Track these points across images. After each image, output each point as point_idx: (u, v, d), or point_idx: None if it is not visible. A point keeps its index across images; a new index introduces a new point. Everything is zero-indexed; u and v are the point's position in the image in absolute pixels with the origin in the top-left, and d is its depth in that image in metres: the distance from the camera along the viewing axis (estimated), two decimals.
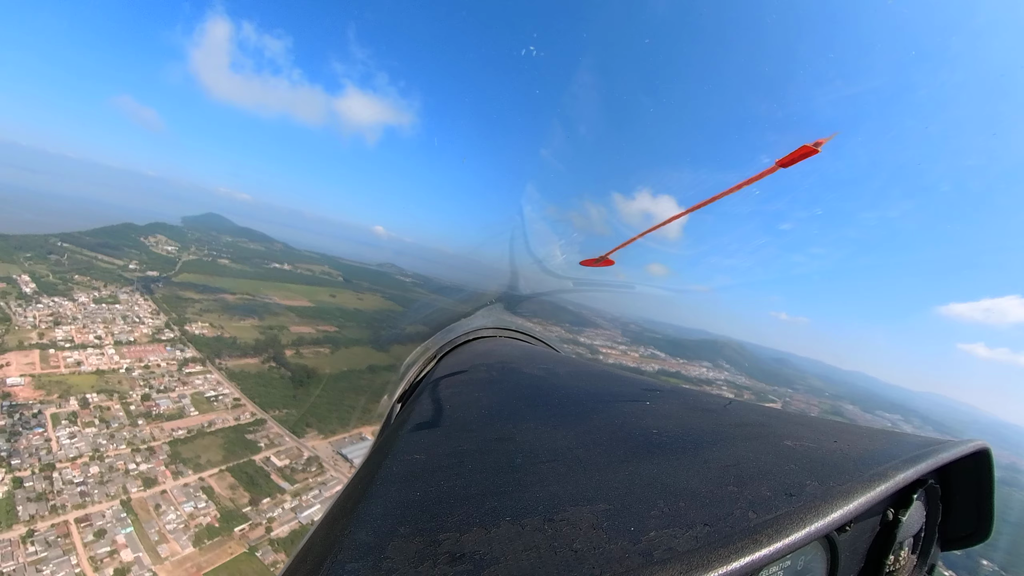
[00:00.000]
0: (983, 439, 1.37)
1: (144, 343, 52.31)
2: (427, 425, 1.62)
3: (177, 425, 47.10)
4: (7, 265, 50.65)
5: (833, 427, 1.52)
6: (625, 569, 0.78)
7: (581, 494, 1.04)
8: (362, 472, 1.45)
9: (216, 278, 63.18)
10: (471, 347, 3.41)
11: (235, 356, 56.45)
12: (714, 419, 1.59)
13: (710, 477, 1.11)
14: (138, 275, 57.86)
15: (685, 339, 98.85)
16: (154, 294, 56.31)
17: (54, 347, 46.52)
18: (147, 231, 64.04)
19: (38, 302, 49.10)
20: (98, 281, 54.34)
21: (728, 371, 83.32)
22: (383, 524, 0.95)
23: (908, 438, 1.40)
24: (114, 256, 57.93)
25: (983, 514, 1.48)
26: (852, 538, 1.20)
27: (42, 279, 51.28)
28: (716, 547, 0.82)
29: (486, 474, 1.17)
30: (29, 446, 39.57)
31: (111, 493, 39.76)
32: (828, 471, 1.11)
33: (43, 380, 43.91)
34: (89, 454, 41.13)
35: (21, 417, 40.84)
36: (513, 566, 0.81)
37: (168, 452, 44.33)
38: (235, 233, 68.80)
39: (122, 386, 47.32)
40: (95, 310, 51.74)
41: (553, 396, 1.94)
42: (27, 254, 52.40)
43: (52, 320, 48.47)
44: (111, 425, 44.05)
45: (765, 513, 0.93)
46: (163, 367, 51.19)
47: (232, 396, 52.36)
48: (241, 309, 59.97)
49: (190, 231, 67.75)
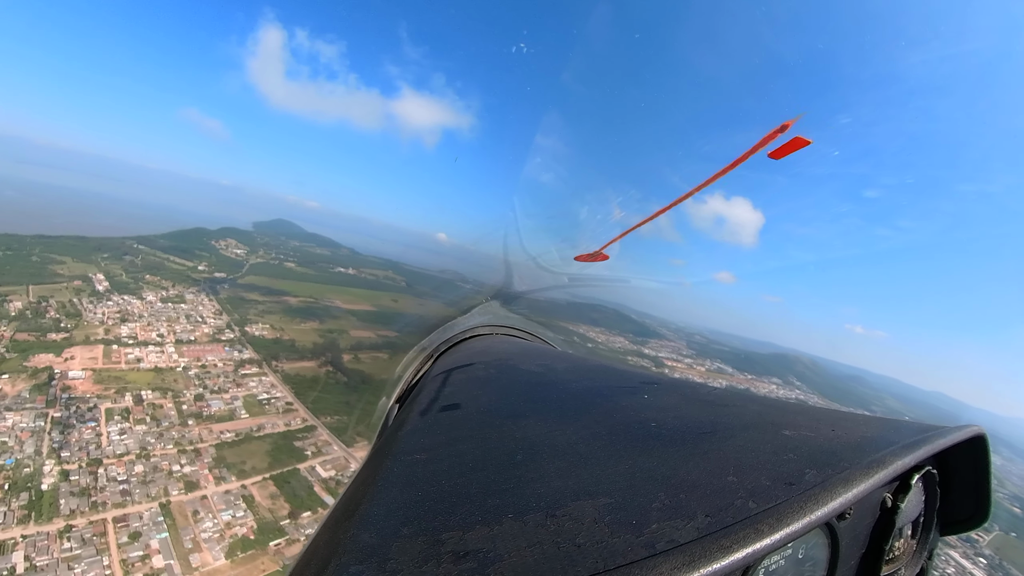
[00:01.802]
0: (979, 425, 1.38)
1: (204, 342, 52.03)
2: (426, 425, 1.64)
3: (226, 427, 45.48)
4: (85, 265, 52.98)
5: (831, 415, 1.56)
6: (628, 562, 0.79)
7: (583, 488, 1.07)
8: (363, 474, 1.47)
9: (281, 281, 63.28)
10: (468, 345, 3.41)
11: (293, 359, 54.93)
12: (712, 410, 1.61)
13: (710, 468, 1.13)
14: (205, 276, 58.76)
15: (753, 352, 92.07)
16: (219, 295, 56.65)
17: (117, 343, 47.01)
18: (218, 235, 66.02)
19: (109, 300, 50.43)
20: (167, 281, 55.58)
21: (800, 389, 76.27)
22: (386, 525, 0.97)
23: (905, 425, 1.43)
24: (185, 258, 59.56)
25: (981, 498, 1.49)
26: (852, 525, 1.21)
27: (115, 278, 53.03)
28: (718, 537, 0.83)
29: (487, 472, 1.19)
30: (80, 439, 39.16)
31: (152, 494, 38.22)
32: (827, 459, 1.14)
33: (103, 375, 44.05)
34: (136, 452, 40.11)
35: (77, 410, 40.76)
36: (517, 563, 0.82)
37: (214, 455, 42.59)
38: (303, 238, 69.65)
39: (177, 385, 46.68)
40: (161, 309, 52.44)
41: (552, 392, 1.97)
42: (104, 255, 54.83)
43: (119, 317, 49.39)
44: (161, 424, 43.10)
45: (765, 502, 0.95)
46: (219, 367, 50.38)
47: (285, 400, 50.43)
48: (303, 312, 58.97)
49: (260, 236, 69.49)
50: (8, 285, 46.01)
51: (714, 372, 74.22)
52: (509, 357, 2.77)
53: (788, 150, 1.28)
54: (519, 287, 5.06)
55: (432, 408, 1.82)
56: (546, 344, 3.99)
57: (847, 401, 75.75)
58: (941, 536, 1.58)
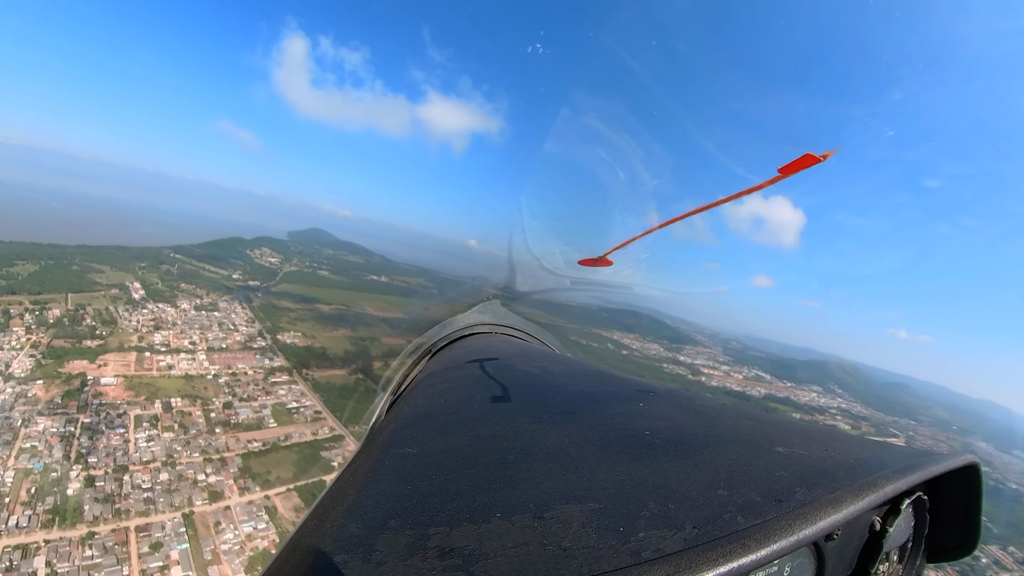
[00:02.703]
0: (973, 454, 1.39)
1: (236, 350, 51.73)
2: (419, 420, 1.64)
3: (253, 436, 44.46)
4: (123, 273, 54.04)
5: (824, 435, 1.54)
6: (613, 568, 0.79)
7: (572, 492, 1.07)
8: (353, 465, 1.45)
9: (314, 288, 63.09)
10: (466, 343, 3.38)
11: (323, 367, 53.90)
12: (707, 423, 1.61)
13: (701, 480, 1.13)
14: (239, 284, 58.97)
15: (792, 359, 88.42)
16: (252, 302, 56.60)
17: (150, 350, 47.14)
18: (254, 244, 66.81)
19: (144, 307, 51.01)
20: (201, 289, 56.06)
21: (841, 397, 72.13)
22: (373, 517, 0.97)
23: (899, 449, 1.43)
24: (220, 267, 60.17)
25: (970, 528, 1.48)
26: (839, 546, 1.20)
27: (151, 286, 53.80)
28: (704, 550, 0.83)
29: (478, 470, 1.19)
30: (108, 446, 38.85)
31: (175, 503, 37.31)
32: (818, 478, 1.14)
33: (134, 381, 44.00)
34: (162, 459, 39.45)
35: (107, 416, 40.60)
36: (502, 562, 0.82)
37: (239, 465, 41.53)
38: (336, 246, 69.71)
39: (207, 392, 46.21)
40: (194, 316, 52.65)
41: (547, 394, 1.95)
42: (142, 264, 55.96)
43: (153, 325, 49.74)
44: (189, 431, 42.47)
45: (754, 518, 0.95)
46: (250, 375, 49.81)
47: (314, 409, 49.24)
48: (335, 319, 58.26)
49: (294, 244, 69.99)
50: (48, 293, 47.19)
51: (752, 380, 71.45)
52: (507, 357, 2.75)
53: (799, 167, 1.19)
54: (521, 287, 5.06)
55: (426, 403, 1.81)
56: (545, 346, 4.00)
57: (892, 411, 71.27)
58: (928, 563, 1.55)
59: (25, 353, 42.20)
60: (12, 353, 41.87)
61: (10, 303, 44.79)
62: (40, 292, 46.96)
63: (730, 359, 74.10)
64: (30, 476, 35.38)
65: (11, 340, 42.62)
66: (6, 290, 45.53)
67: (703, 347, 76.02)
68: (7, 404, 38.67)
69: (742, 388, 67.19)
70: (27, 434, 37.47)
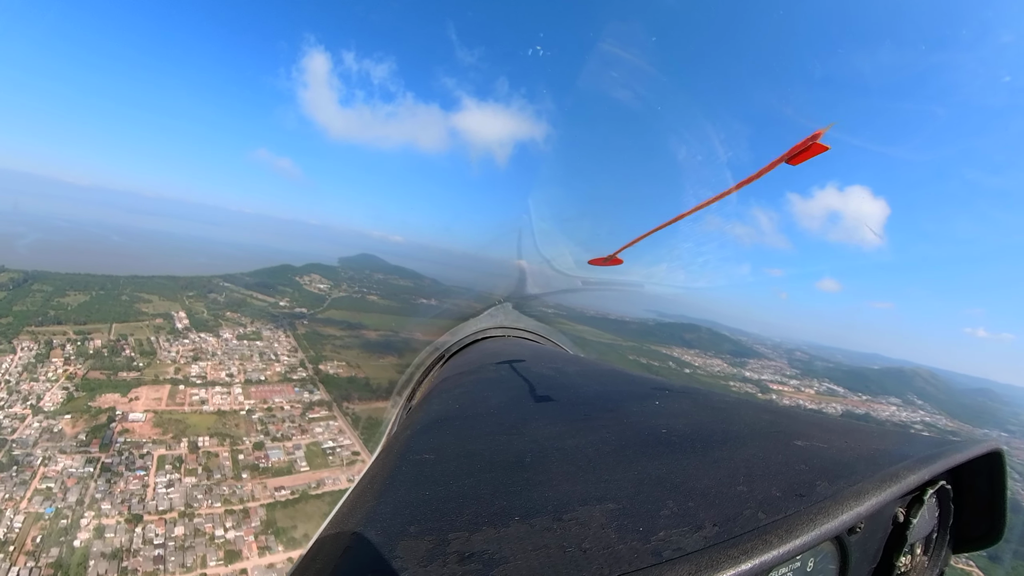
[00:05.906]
0: (996, 440, 1.36)
1: (274, 382, 47.94)
2: (436, 425, 1.63)
3: (283, 483, 39.47)
4: (170, 303, 52.71)
5: (843, 427, 1.53)
6: (635, 569, 0.78)
7: (591, 493, 1.06)
8: (371, 472, 1.44)
9: (361, 314, 59.34)
10: (479, 347, 3.42)
11: (366, 399, 48.56)
12: (724, 418, 1.60)
13: (720, 477, 1.12)
14: (286, 311, 55.93)
15: (863, 367, 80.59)
16: (296, 330, 53.11)
17: (185, 383, 44.23)
18: (303, 271, 64.78)
19: (185, 338, 48.87)
20: (246, 318, 53.58)
21: (923, 410, 63.69)
22: (393, 524, 0.97)
23: (920, 438, 1.41)
24: (267, 294, 57.91)
25: (996, 516, 1.44)
26: (863, 539, 1.19)
27: (196, 315, 51.95)
28: (726, 547, 0.82)
29: (495, 473, 1.18)
30: (125, 490, 35.30)
31: (187, 564, 32.63)
32: (839, 471, 1.12)
33: (164, 417, 40.87)
34: (180, 510, 35.21)
35: (128, 456, 37.36)
36: (523, 565, 0.81)
37: (263, 517, 36.41)
38: (387, 271, 66.60)
39: (238, 430, 42.21)
40: (235, 346, 49.84)
41: (562, 395, 1.95)
42: (190, 293, 54.65)
43: (192, 355, 47.26)
44: (213, 475, 38.25)
45: (775, 513, 0.94)
46: (286, 410, 45.58)
47: (351, 449, 43.68)
48: (381, 346, 53.60)
49: (344, 270, 67.42)
50: (94, 323, 46.16)
51: (825, 394, 65.26)
52: (520, 359, 2.72)
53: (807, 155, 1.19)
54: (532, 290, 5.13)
55: (441, 409, 1.79)
56: (558, 347, 3.98)
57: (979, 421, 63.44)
58: (953, 553, 1.52)
59: (59, 385, 40.50)
60: (47, 385, 40.27)
61: (54, 333, 44.01)
62: (85, 322, 46.07)
63: (797, 371, 68.92)
64: (39, 522, 32.28)
65: (48, 371, 41.24)
66: (53, 320, 44.91)
67: (767, 359, 70.48)
68: (31, 439, 36.47)
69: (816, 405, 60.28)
70: (45, 473, 34.80)
